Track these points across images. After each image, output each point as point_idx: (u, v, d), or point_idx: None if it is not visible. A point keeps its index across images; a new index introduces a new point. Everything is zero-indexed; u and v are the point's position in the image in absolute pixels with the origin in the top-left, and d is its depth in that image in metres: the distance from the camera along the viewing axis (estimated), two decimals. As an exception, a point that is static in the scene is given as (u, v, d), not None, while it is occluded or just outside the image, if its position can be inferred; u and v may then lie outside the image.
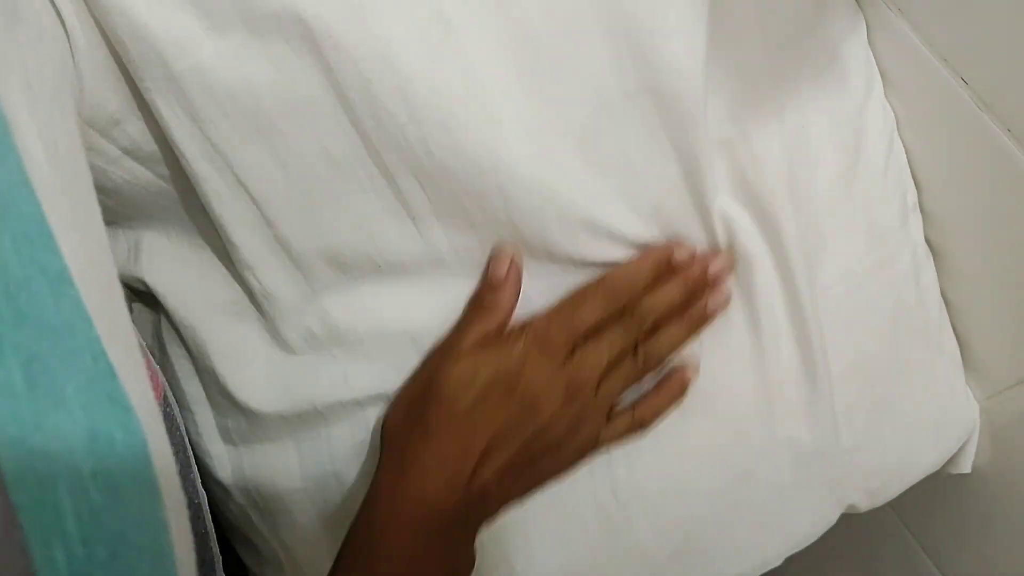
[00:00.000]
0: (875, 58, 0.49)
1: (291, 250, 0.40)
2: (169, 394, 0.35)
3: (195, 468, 0.35)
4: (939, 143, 0.48)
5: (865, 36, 0.48)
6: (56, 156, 0.20)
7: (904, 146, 0.50)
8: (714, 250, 0.44)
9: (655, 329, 0.43)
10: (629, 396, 0.45)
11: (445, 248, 0.41)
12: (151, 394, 0.21)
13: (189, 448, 0.34)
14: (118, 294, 0.22)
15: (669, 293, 0.42)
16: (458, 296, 0.42)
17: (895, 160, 0.49)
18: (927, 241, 0.51)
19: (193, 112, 0.35)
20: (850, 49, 0.47)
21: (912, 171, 0.50)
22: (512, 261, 0.41)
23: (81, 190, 0.21)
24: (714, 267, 0.43)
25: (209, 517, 0.34)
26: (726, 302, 0.44)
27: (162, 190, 0.40)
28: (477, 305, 0.42)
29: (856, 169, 0.47)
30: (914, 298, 0.50)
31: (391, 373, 0.43)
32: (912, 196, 0.50)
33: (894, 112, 0.49)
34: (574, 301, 0.42)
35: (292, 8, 0.35)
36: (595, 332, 0.42)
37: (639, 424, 0.44)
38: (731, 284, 0.44)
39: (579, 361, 0.41)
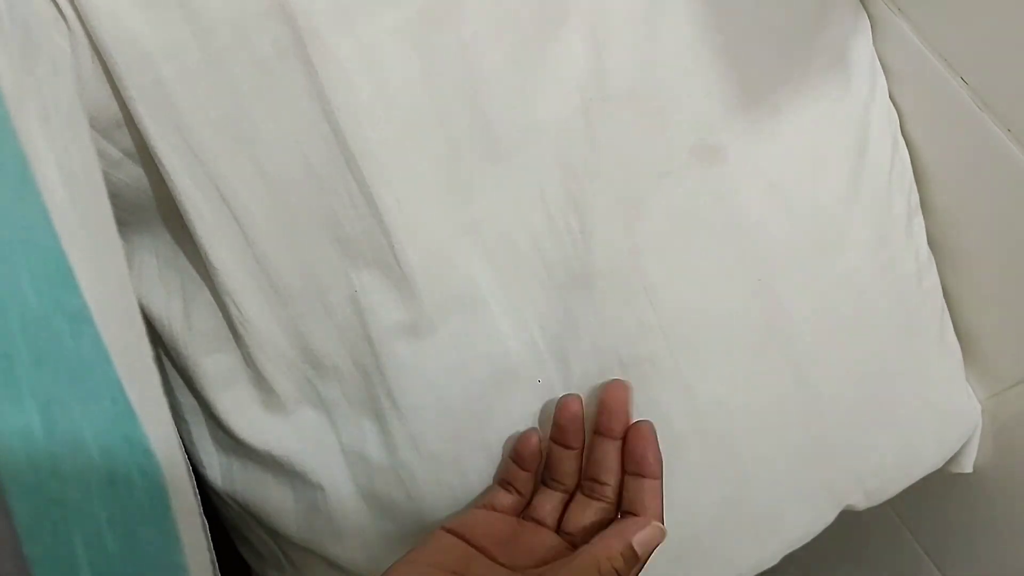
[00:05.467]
0: (874, 58, 0.48)
1: (268, 269, 0.39)
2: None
3: (197, 497, 0.34)
4: (939, 143, 0.48)
5: (870, 36, 0.48)
6: (75, 188, 0.20)
7: (906, 146, 0.49)
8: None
9: None
10: None
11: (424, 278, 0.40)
12: (172, 429, 0.20)
13: (192, 478, 0.34)
14: (139, 327, 0.21)
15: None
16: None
17: (899, 161, 0.49)
18: (929, 240, 0.51)
19: (177, 119, 0.35)
20: (855, 49, 0.47)
21: (913, 171, 0.50)
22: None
23: (101, 222, 0.20)
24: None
25: (211, 546, 0.34)
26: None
27: (159, 196, 0.40)
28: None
29: (861, 171, 0.47)
30: (917, 301, 0.49)
31: (372, 426, 0.43)
32: (915, 198, 0.50)
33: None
34: None
35: (281, 7, 0.35)
36: None
37: None
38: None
39: None
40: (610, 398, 0.41)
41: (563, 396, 0.42)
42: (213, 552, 0.32)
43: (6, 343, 0.16)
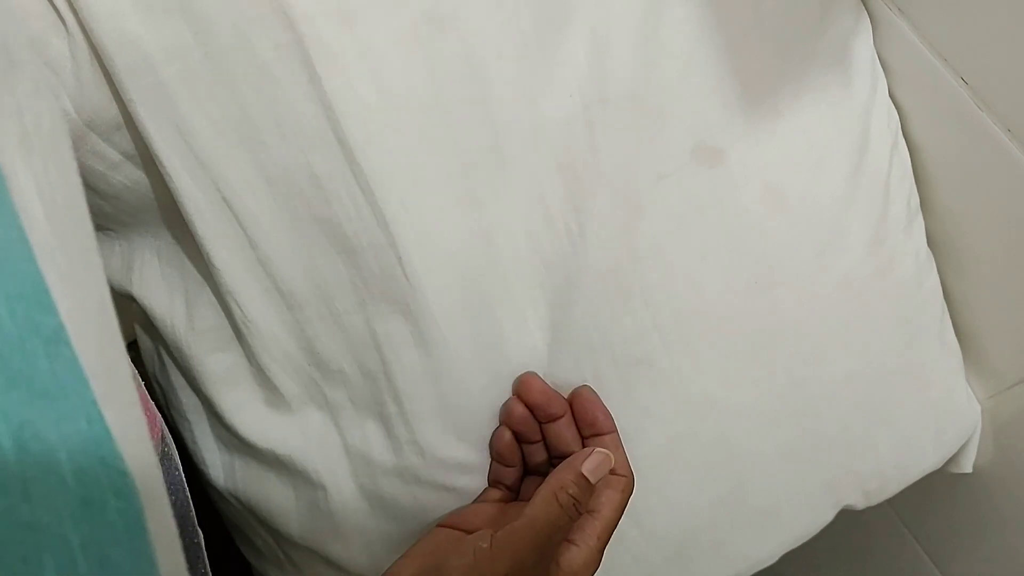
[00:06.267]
0: (874, 58, 0.48)
1: (273, 273, 0.39)
2: (167, 434, 0.33)
3: (192, 506, 0.34)
4: (939, 143, 0.48)
5: (870, 36, 0.48)
6: (55, 210, 0.19)
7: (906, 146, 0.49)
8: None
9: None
10: None
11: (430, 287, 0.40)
12: (151, 448, 0.20)
13: (187, 488, 0.34)
14: (119, 349, 0.21)
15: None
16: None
17: (899, 162, 0.48)
18: (929, 240, 0.51)
19: (178, 120, 0.35)
20: (855, 49, 0.47)
21: (913, 171, 0.50)
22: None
23: (81, 244, 0.20)
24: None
25: (205, 557, 0.34)
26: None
27: (160, 198, 0.40)
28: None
29: (861, 172, 0.47)
30: (917, 302, 0.49)
31: (376, 425, 0.42)
32: (915, 198, 0.49)
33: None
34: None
35: (282, 10, 0.34)
36: None
37: None
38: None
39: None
40: (529, 392, 0.42)
41: (505, 402, 0.43)
42: (207, 567, 0.32)
43: None
